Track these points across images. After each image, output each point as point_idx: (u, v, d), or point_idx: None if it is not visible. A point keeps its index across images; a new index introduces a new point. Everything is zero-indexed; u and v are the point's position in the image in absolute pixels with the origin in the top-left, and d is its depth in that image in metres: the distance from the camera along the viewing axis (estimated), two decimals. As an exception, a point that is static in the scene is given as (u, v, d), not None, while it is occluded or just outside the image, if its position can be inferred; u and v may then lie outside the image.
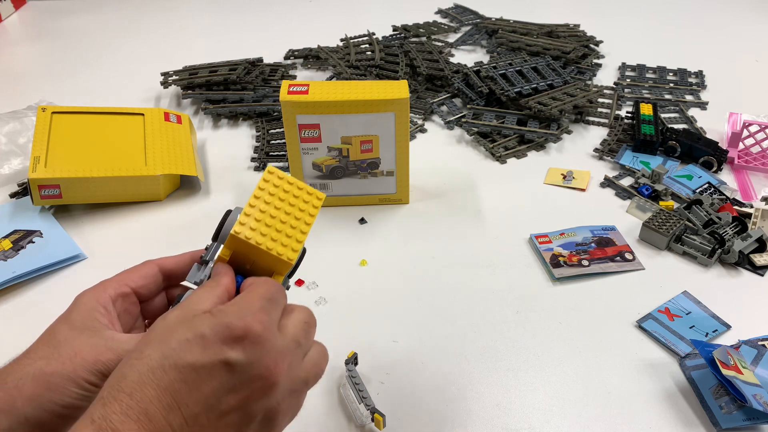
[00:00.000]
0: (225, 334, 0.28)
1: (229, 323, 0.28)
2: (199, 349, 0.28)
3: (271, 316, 0.30)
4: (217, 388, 0.28)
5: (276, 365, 0.29)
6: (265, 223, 0.35)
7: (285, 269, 0.35)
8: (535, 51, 1.05)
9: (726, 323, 0.56)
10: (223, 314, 0.29)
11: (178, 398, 0.27)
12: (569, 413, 0.48)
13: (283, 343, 0.30)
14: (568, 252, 0.64)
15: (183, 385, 0.27)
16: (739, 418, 0.46)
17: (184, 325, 0.29)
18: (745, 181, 0.76)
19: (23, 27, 1.31)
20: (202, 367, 0.27)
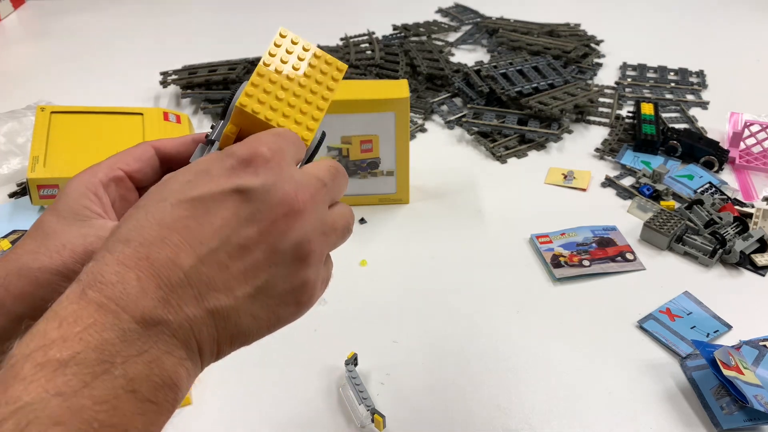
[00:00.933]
0: (231, 164, 0.24)
1: (234, 151, 0.24)
2: (204, 182, 0.24)
3: (285, 150, 0.26)
4: (232, 218, 0.23)
5: (297, 192, 0.24)
6: (276, 96, 0.30)
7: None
8: (535, 50, 1.05)
9: (727, 323, 0.56)
10: (229, 148, 0.25)
11: (187, 235, 0.22)
12: (569, 413, 0.48)
13: (304, 177, 0.26)
14: (569, 252, 0.64)
15: (191, 220, 0.23)
16: (740, 418, 0.46)
17: (183, 171, 0.25)
18: (747, 180, 0.76)
19: (22, 26, 1.31)
20: (210, 197, 0.23)
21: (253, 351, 0.53)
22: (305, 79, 0.31)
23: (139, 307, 0.21)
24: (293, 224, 0.24)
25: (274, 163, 0.25)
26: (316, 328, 0.56)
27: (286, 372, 0.52)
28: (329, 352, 0.54)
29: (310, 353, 0.54)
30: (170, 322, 0.22)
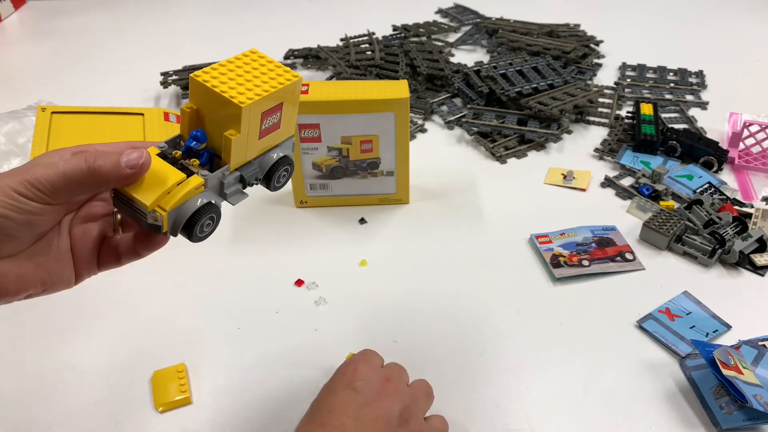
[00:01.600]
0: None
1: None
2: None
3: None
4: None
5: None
6: (228, 77, 0.36)
7: (236, 122, 0.35)
8: (535, 51, 1.05)
9: (726, 323, 0.56)
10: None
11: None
12: (569, 413, 0.48)
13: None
14: (569, 252, 0.64)
15: None
16: (740, 418, 0.46)
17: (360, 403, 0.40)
18: (746, 181, 0.76)
19: (23, 27, 1.31)
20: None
21: (254, 351, 0.53)
22: (260, 74, 0.36)
23: None
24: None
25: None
26: (317, 328, 0.56)
27: (286, 372, 0.52)
28: (329, 352, 0.54)
29: (310, 353, 0.54)
30: None
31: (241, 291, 0.61)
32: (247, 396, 0.50)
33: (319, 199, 0.72)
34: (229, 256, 0.65)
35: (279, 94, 0.36)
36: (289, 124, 0.40)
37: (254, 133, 0.37)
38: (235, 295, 0.60)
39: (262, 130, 0.37)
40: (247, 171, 0.38)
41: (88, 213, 0.39)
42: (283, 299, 0.59)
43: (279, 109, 0.37)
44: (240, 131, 0.35)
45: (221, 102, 0.35)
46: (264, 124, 0.37)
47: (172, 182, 0.35)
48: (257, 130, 0.37)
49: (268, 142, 0.39)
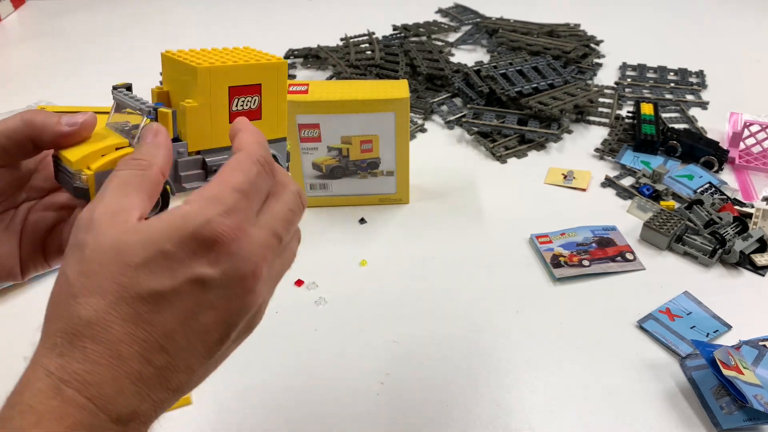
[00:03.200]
0: (191, 247, 0.24)
1: (195, 231, 0.24)
2: (163, 271, 0.23)
3: (247, 212, 0.26)
4: (193, 307, 0.24)
5: (254, 273, 0.25)
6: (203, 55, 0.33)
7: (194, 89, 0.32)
8: (535, 50, 1.05)
9: (727, 323, 0.56)
10: (186, 217, 0.24)
11: (152, 330, 0.23)
12: (569, 413, 0.48)
13: (261, 241, 0.26)
14: (569, 252, 0.64)
15: (154, 314, 0.23)
16: (740, 418, 0.46)
17: (137, 239, 0.24)
18: (746, 180, 0.76)
19: (22, 26, 1.31)
20: (171, 290, 0.23)
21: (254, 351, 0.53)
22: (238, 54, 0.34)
23: (117, 407, 0.22)
24: (249, 303, 0.26)
25: (236, 246, 0.25)
26: (317, 328, 0.56)
27: (286, 372, 0.52)
28: (329, 352, 0.54)
29: (309, 353, 0.54)
30: (142, 413, 0.23)
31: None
32: (246, 396, 0.50)
33: (319, 199, 0.72)
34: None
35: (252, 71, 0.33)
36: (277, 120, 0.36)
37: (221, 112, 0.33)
38: (234, 295, 0.60)
39: (233, 111, 0.33)
40: (212, 157, 0.34)
41: (51, 202, 0.35)
42: (283, 299, 0.59)
43: (256, 91, 0.34)
44: (199, 101, 0.32)
45: (182, 70, 0.32)
46: (235, 104, 0.33)
47: (109, 144, 0.31)
48: (225, 109, 0.33)
49: None
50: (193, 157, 0.33)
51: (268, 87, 0.34)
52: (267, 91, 0.34)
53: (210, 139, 0.33)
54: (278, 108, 0.35)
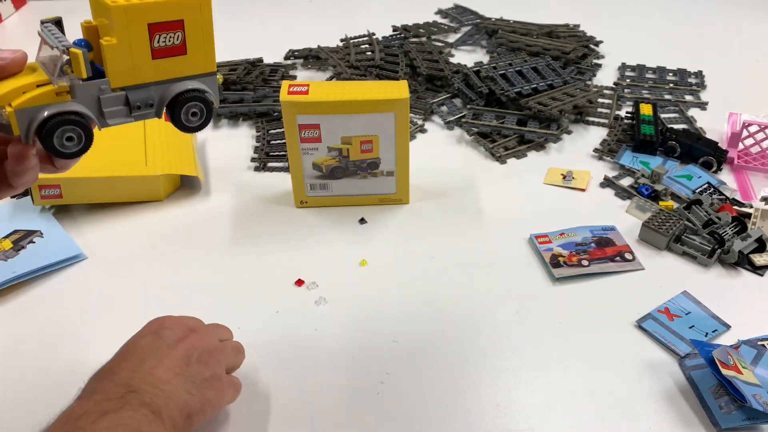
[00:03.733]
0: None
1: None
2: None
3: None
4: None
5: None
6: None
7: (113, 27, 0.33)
8: (535, 51, 1.05)
9: (725, 323, 0.56)
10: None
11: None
12: (569, 413, 0.48)
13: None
14: (568, 252, 0.64)
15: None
16: (739, 417, 0.46)
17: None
18: (745, 181, 0.76)
19: (23, 27, 1.31)
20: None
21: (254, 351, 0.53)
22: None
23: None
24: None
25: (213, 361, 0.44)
26: (316, 327, 0.56)
27: (286, 372, 0.52)
28: (329, 352, 0.54)
29: (310, 353, 0.54)
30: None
31: (241, 291, 0.61)
32: (246, 396, 0.50)
33: (319, 199, 0.72)
34: (229, 256, 0.65)
35: (171, 8, 0.33)
36: (204, 54, 0.36)
37: (142, 49, 0.34)
38: (235, 295, 0.60)
39: (155, 48, 0.34)
40: (135, 94, 0.35)
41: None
42: (283, 299, 0.59)
43: (178, 27, 0.34)
44: (117, 38, 0.32)
45: (101, 9, 0.33)
46: (156, 41, 0.34)
47: (32, 81, 0.32)
48: (146, 46, 0.34)
49: (171, 68, 0.35)
50: (116, 94, 0.34)
51: (192, 22, 0.34)
52: (190, 26, 0.34)
53: (132, 75, 0.34)
54: (204, 43, 0.36)
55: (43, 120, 0.32)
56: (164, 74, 0.35)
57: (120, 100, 0.35)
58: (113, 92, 0.34)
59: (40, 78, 0.33)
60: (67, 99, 0.33)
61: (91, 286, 0.62)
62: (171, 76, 0.36)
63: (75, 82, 0.33)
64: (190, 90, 0.36)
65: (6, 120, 0.32)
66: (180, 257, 0.65)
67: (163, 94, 0.36)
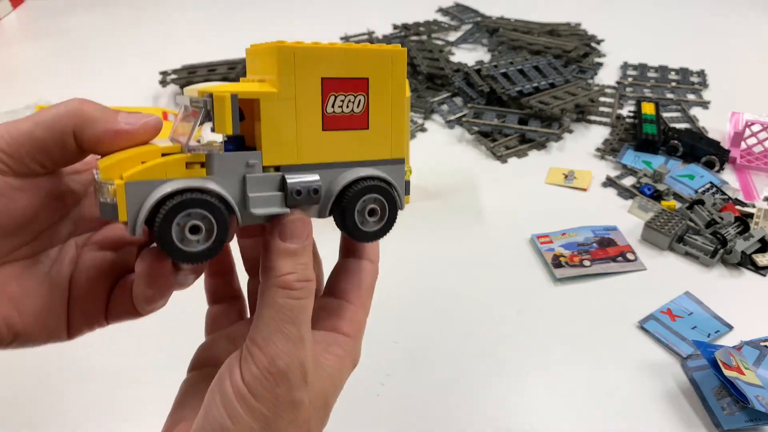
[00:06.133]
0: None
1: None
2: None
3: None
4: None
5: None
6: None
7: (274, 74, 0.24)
8: (536, 50, 1.05)
9: (728, 324, 0.56)
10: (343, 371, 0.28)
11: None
12: (570, 414, 0.48)
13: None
14: (570, 252, 0.63)
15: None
16: (741, 419, 0.46)
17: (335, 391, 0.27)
18: (748, 180, 0.76)
19: (21, 26, 1.31)
20: None
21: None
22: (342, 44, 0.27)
23: None
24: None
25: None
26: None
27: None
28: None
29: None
30: None
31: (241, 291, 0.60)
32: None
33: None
34: (229, 256, 0.65)
35: (355, 59, 0.25)
36: (392, 131, 0.26)
37: (310, 113, 0.24)
38: (234, 296, 0.60)
39: (328, 114, 0.25)
40: (296, 176, 0.25)
41: (110, 237, 0.27)
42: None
43: (361, 88, 0.25)
44: (278, 87, 0.24)
45: (263, 56, 0.25)
46: (330, 103, 0.25)
47: (156, 149, 0.24)
48: (317, 109, 0.24)
49: (346, 147, 0.26)
50: (269, 174, 0.24)
51: (379, 83, 0.25)
52: (377, 88, 0.26)
53: (293, 150, 0.24)
54: (393, 115, 0.26)
55: (161, 199, 0.22)
56: (335, 154, 0.25)
57: (273, 182, 0.24)
58: (265, 171, 0.24)
59: (167, 146, 0.24)
60: (200, 174, 0.23)
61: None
62: (344, 157, 0.26)
63: (214, 151, 0.24)
64: (369, 178, 0.26)
65: (109, 198, 0.22)
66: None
67: (332, 181, 0.26)
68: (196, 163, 0.24)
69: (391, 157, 0.27)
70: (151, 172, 0.23)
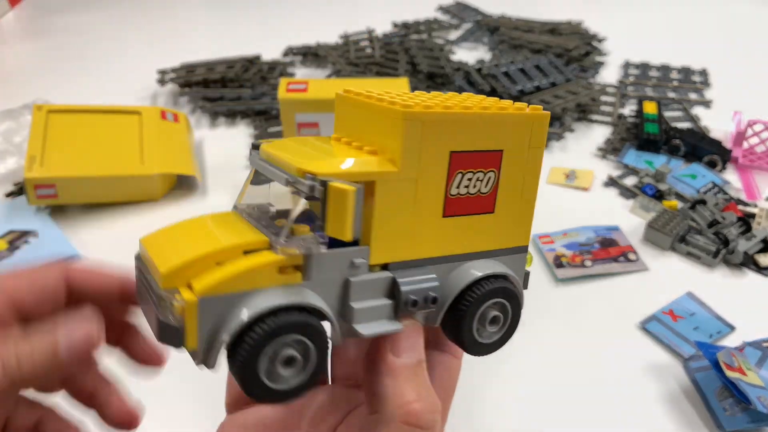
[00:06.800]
0: None
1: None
2: None
3: None
4: None
5: None
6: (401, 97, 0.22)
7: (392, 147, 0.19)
8: (537, 48, 1.04)
9: (730, 324, 0.55)
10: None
11: None
12: (571, 415, 0.48)
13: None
14: (571, 252, 0.63)
15: None
16: (744, 420, 0.46)
17: None
18: (750, 180, 0.75)
19: (19, 25, 1.31)
20: None
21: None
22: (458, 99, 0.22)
23: None
24: None
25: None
26: (315, 329, 0.56)
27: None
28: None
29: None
30: None
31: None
32: (244, 398, 0.49)
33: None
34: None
35: (492, 127, 0.20)
36: (519, 214, 0.22)
37: (432, 196, 0.20)
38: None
39: (452, 196, 0.20)
40: (409, 278, 0.20)
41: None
42: (281, 300, 0.59)
43: (493, 163, 0.20)
44: (399, 165, 0.18)
45: (372, 116, 0.20)
46: (456, 182, 0.20)
47: (232, 244, 0.18)
48: (440, 189, 0.20)
49: (465, 236, 0.21)
50: (377, 276, 0.19)
51: (514, 157, 0.20)
52: (511, 163, 0.21)
53: (408, 242, 0.19)
54: (524, 193, 0.21)
55: (253, 321, 0.17)
56: (453, 245, 0.21)
57: (381, 286, 0.20)
58: (370, 272, 0.19)
59: (250, 238, 0.18)
60: (294, 279, 0.18)
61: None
62: (462, 249, 0.21)
63: (314, 251, 0.18)
64: (492, 278, 0.21)
65: (174, 320, 0.16)
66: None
67: (446, 280, 0.21)
68: (290, 266, 0.18)
69: (514, 245, 0.22)
70: (236, 283, 0.16)
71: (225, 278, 0.16)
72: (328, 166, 0.18)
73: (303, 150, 0.19)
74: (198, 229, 0.19)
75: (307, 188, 0.17)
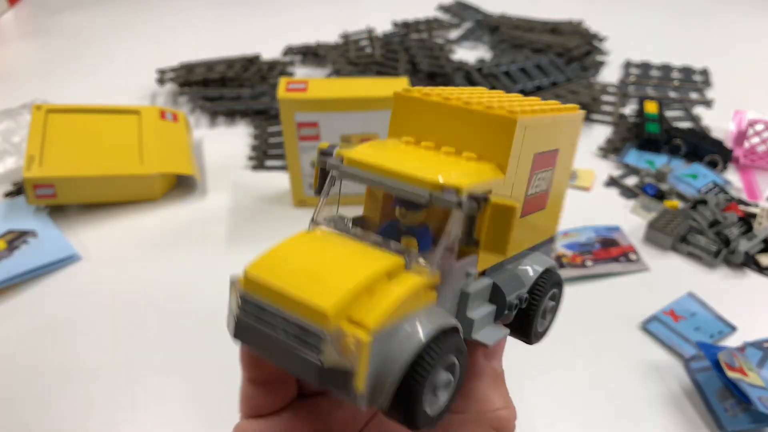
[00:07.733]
0: None
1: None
2: None
3: None
4: None
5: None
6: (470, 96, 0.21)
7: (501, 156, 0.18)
8: (538, 48, 1.04)
9: (731, 325, 0.55)
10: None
11: None
12: (572, 416, 0.47)
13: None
14: (572, 252, 0.63)
15: None
16: (745, 421, 0.46)
17: None
18: (751, 180, 0.75)
19: (18, 24, 1.30)
20: None
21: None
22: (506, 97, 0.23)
23: None
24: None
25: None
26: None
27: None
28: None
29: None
30: None
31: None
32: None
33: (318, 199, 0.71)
34: (226, 257, 0.64)
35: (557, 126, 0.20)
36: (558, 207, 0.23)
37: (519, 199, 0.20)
38: (232, 296, 0.59)
39: (528, 196, 0.21)
40: (505, 281, 0.20)
41: None
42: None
43: (553, 161, 0.21)
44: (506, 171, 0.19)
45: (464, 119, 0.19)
46: (533, 184, 0.21)
47: (378, 269, 0.17)
48: (523, 190, 0.20)
49: (528, 232, 0.22)
50: (484, 283, 0.19)
51: (565, 153, 0.22)
52: (562, 159, 0.22)
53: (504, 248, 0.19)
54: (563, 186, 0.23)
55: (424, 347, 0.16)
56: (520, 243, 0.21)
57: (485, 294, 0.20)
58: (477, 281, 0.20)
59: (382, 261, 0.17)
60: (431, 298, 0.18)
61: (86, 287, 0.61)
62: (522, 246, 0.22)
63: (448, 266, 0.18)
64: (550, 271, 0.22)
65: (344, 361, 0.15)
66: (176, 258, 0.64)
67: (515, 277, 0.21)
68: (430, 287, 0.17)
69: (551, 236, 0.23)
70: (398, 312, 0.15)
71: (390, 309, 0.15)
72: (463, 178, 0.17)
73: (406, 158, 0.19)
74: (323, 254, 0.18)
75: (454, 203, 0.17)
